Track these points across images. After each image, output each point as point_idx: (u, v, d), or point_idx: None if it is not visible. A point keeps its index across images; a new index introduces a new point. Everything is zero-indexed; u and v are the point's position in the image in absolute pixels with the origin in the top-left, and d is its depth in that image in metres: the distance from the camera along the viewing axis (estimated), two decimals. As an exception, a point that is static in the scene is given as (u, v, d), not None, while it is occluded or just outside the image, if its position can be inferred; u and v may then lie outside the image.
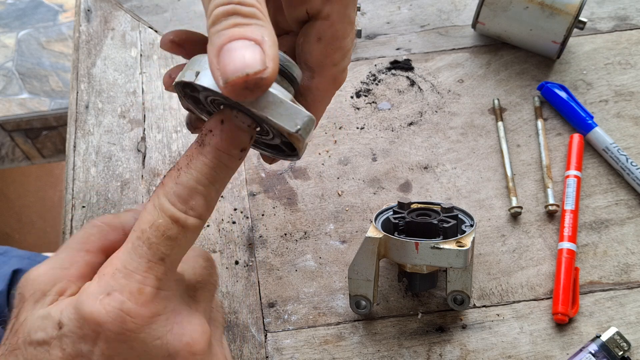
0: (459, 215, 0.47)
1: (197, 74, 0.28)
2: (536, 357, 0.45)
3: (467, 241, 0.43)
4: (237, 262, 0.51)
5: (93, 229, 0.34)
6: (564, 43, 0.58)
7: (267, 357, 0.46)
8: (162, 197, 0.29)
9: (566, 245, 0.49)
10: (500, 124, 0.57)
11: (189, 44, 0.35)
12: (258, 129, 0.32)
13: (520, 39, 0.60)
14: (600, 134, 0.54)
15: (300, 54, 0.34)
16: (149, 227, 0.29)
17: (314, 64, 0.34)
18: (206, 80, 0.28)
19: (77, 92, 0.62)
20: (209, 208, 0.30)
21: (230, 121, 0.29)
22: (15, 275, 0.68)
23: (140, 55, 0.64)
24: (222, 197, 0.54)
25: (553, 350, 0.45)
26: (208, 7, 0.26)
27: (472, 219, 0.47)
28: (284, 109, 0.28)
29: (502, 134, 0.56)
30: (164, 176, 0.30)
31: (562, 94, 0.57)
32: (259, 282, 0.50)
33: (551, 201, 0.52)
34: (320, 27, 0.33)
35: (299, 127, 0.28)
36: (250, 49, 0.25)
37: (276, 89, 0.28)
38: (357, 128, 0.58)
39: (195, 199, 0.29)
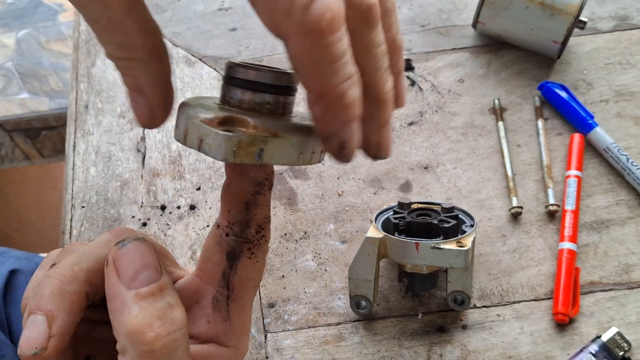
0: (460, 215, 0.47)
1: (261, 155, 0.24)
2: (537, 357, 0.45)
3: (468, 241, 0.43)
4: (237, 262, 0.50)
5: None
6: (564, 43, 0.57)
7: (267, 357, 0.46)
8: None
9: (567, 245, 0.49)
10: (500, 123, 0.57)
11: None
12: None
13: (520, 38, 0.59)
14: (601, 134, 0.54)
15: None
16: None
17: None
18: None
19: (77, 92, 0.62)
20: None
21: None
22: (12, 275, 0.68)
23: (140, 55, 0.64)
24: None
25: (553, 350, 0.45)
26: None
27: (472, 219, 0.47)
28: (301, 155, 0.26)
29: (502, 133, 0.56)
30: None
31: (563, 94, 0.57)
32: (259, 282, 0.50)
33: (552, 201, 0.51)
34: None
35: (318, 160, 0.27)
36: None
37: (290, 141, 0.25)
38: (357, 128, 0.58)
39: None
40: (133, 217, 0.53)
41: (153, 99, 0.26)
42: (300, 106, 0.59)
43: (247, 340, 0.31)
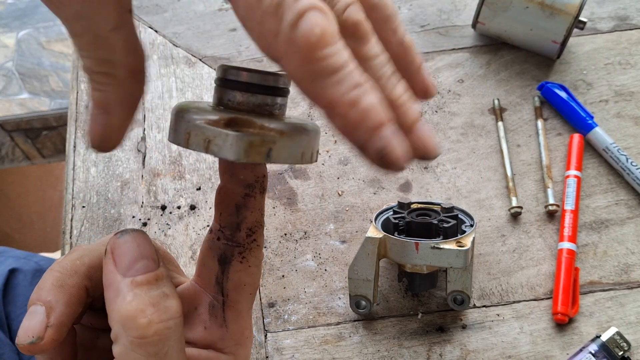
0: (459, 215, 0.47)
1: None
2: (536, 357, 0.45)
3: (467, 241, 0.43)
4: (237, 262, 0.51)
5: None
6: (564, 43, 0.57)
7: (267, 357, 0.46)
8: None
9: (566, 245, 0.49)
10: (500, 124, 0.57)
11: None
12: None
13: (520, 39, 0.60)
14: (601, 134, 0.54)
15: None
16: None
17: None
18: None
19: (77, 92, 0.62)
20: None
21: None
22: (12, 274, 0.68)
23: (140, 55, 0.64)
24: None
25: (553, 350, 0.45)
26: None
27: (472, 219, 0.47)
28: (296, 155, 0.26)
29: (502, 134, 0.56)
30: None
31: (562, 94, 0.57)
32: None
33: (551, 201, 0.52)
34: None
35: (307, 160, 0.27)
36: None
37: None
38: (357, 128, 0.58)
39: None
40: (133, 217, 0.53)
41: (115, 120, 0.26)
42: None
43: (247, 348, 0.31)
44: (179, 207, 0.54)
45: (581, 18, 0.57)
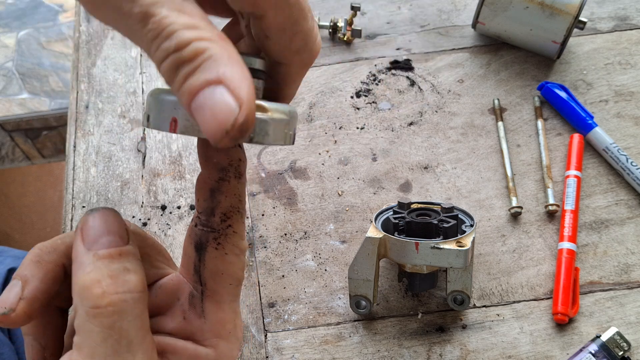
0: (459, 215, 0.47)
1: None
2: (536, 357, 0.45)
3: (467, 241, 0.43)
4: (237, 262, 0.50)
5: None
6: (564, 43, 0.58)
7: (267, 357, 0.46)
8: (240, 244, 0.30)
9: (566, 245, 0.49)
10: (500, 124, 0.57)
11: None
12: None
13: (520, 39, 0.60)
14: (600, 134, 0.54)
15: (260, 47, 0.30)
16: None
17: (274, 57, 0.29)
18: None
19: (77, 92, 0.62)
20: None
21: None
22: (11, 274, 0.68)
23: (140, 55, 0.64)
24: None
25: (553, 350, 0.45)
26: (156, 65, 0.23)
27: (472, 219, 0.47)
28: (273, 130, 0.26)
29: (502, 134, 0.56)
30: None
31: (562, 94, 0.57)
32: (259, 282, 0.50)
33: (551, 201, 0.52)
34: (260, 25, 0.27)
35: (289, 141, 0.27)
36: (214, 99, 0.21)
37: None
38: (357, 128, 0.58)
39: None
40: (133, 217, 0.53)
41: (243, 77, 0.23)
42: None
43: (230, 343, 0.31)
44: (179, 207, 0.54)
45: (581, 18, 0.57)
